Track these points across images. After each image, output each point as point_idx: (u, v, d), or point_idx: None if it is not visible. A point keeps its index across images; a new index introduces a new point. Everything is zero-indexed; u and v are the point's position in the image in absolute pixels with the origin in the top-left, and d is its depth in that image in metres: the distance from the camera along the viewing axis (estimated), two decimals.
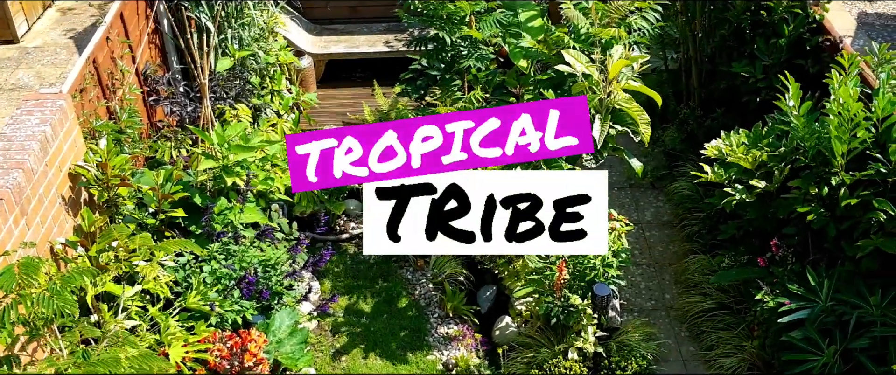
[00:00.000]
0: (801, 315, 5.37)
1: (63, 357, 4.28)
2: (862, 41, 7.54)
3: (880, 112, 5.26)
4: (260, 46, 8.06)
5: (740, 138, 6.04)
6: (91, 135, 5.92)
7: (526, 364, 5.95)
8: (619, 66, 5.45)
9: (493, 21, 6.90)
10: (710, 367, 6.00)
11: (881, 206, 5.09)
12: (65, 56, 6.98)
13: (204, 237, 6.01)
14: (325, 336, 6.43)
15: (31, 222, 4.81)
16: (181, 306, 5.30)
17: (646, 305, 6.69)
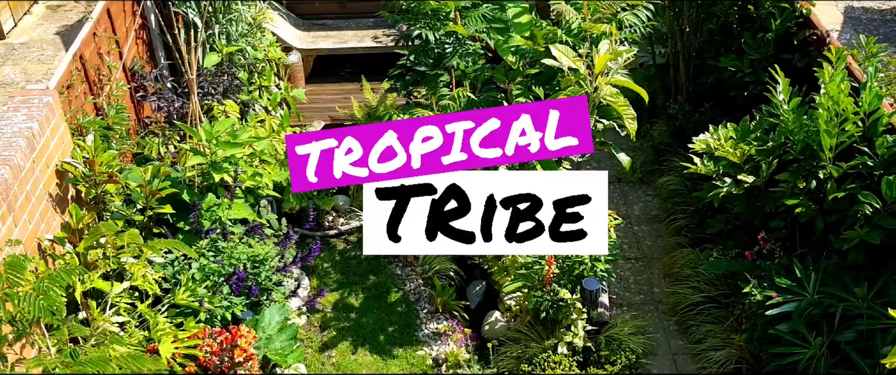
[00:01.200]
0: (788, 309, 5.40)
1: (51, 355, 4.26)
2: (849, 35, 7.58)
3: (867, 106, 5.30)
4: (248, 42, 8.03)
5: (728, 132, 6.07)
6: (78, 131, 5.89)
7: (515, 359, 5.96)
8: (604, 60, 5.47)
9: (478, 17, 6.90)
10: (699, 361, 6.03)
11: (867, 199, 5.13)
12: (51, 52, 6.94)
13: (192, 233, 6.00)
14: (315, 332, 6.42)
15: (18, 219, 4.78)
16: (170, 302, 5.29)
17: (635, 299, 6.71)
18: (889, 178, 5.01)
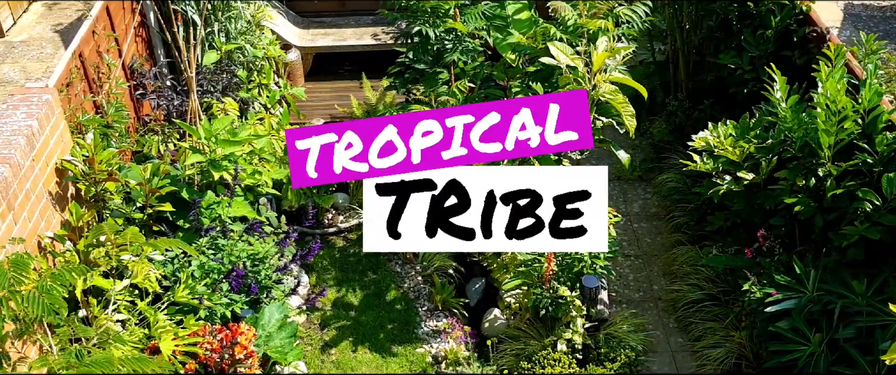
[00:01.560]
0: (787, 306, 5.40)
1: (53, 354, 4.26)
2: (849, 32, 7.58)
3: (866, 103, 5.30)
4: (247, 40, 8.02)
5: (728, 130, 6.07)
6: (78, 129, 5.89)
7: (515, 357, 5.96)
8: (602, 58, 5.47)
9: (478, 14, 6.89)
10: (698, 358, 6.03)
11: (866, 196, 5.13)
12: (50, 50, 6.93)
13: (192, 231, 6.00)
14: (314, 330, 6.43)
15: (18, 217, 4.78)
16: (170, 300, 5.29)
17: (634, 296, 6.72)
18: (889, 175, 5.01)
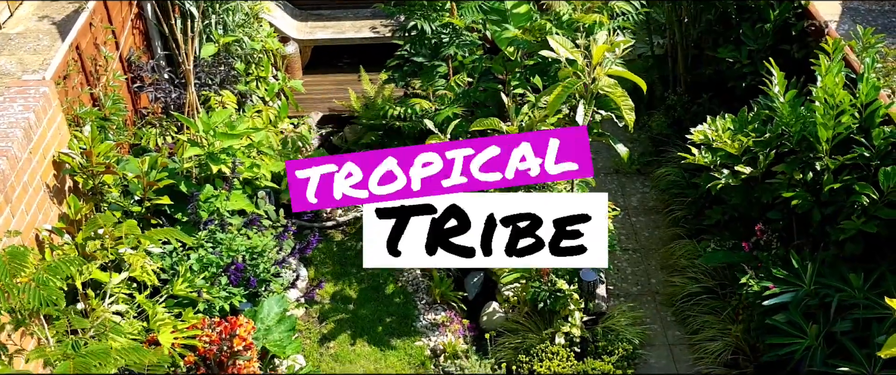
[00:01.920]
0: (784, 299, 5.41)
1: (50, 346, 4.26)
2: (847, 26, 7.57)
3: (864, 97, 5.30)
4: (245, 32, 8.00)
5: (726, 123, 6.07)
6: (75, 122, 5.87)
7: (513, 350, 5.97)
8: (601, 51, 5.46)
9: (475, 7, 6.88)
10: (696, 351, 6.05)
11: (863, 190, 5.14)
12: (47, 42, 6.91)
13: (190, 225, 5.99)
14: (313, 323, 6.43)
15: (16, 210, 4.78)
16: (168, 293, 5.29)
17: (632, 290, 6.72)
18: (886, 169, 5.02)
